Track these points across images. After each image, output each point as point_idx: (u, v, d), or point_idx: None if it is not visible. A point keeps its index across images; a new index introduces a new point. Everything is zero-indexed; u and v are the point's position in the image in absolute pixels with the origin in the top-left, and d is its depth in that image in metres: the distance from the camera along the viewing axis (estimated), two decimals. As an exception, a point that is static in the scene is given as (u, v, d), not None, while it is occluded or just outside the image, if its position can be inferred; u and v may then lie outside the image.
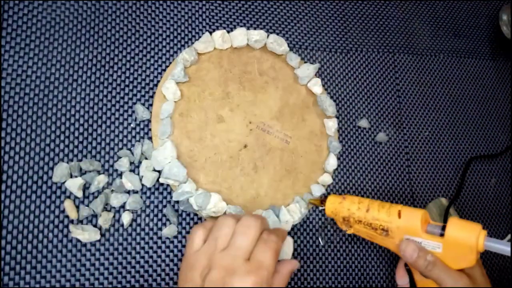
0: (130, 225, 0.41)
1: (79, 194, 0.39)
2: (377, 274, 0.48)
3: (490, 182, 0.57)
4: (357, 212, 0.41)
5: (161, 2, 0.47)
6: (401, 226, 0.39)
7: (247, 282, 0.31)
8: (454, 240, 0.37)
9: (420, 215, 0.38)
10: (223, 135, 0.45)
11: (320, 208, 0.45)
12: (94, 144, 0.41)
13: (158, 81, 0.45)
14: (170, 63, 0.46)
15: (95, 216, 0.40)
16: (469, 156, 0.56)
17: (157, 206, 0.42)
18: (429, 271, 0.37)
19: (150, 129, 0.43)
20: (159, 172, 0.41)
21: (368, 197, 0.50)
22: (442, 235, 0.37)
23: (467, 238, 0.36)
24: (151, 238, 0.41)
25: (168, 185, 0.42)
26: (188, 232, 0.42)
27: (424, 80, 0.57)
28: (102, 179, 0.40)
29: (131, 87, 0.44)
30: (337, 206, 0.42)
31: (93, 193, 0.40)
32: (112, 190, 0.41)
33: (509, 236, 0.52)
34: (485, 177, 0.57)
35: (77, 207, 0.39)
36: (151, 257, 0.41)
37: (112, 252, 0.40)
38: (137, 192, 0.41)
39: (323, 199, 0.44)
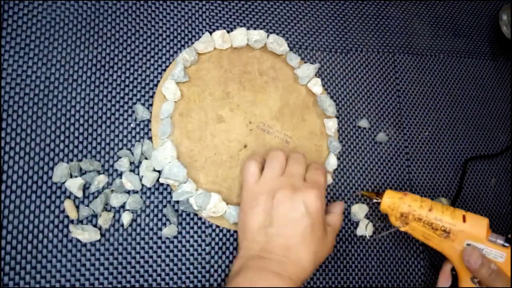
0: (130, 225, 0.41)
1: (79, 194, 0.39)
2: (377, 274, 0.48)
3: (490, 182, 0.57)
4: (418, 210, 0.41)
5: (161, 2, 0.47)
6: (465, 230, 0.39)
7: (311, 194, 0.38)
8: None
9: (486, 223, 0.39)
10: (223, 135, 0.45)
11: (374, 200, 0.44)
12: (94, 144, 0.41)
13: (158, 81, 0.45)
14: (170, 63, 0.46)
15: (95, 216, 0.40)
16: (469, 156, 0.56)
17: (157, 206, 0.42)
18: (492, 280, 0.38)
19: (150, 129, 0.43)
20: (159, 172, 0.41)
21: (368, 197, 0.50)
22: (505, 246, 0.38)
23: None
24: (151, 238, 0.41)
25: (168, 185, 0.42)
26: (188, 233, 0.42)
27: (424, 80, 0.57)
28: (102, 179, 0.40)
29: (131, 87, 0.44)
30: (396, 201, 0.42)
31: (93, 193, 0.40)
32: (112, 190, 0.41)
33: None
34: (485, 177, 0.57)
35: (77, 207, 0.39)
36: (151, 257, 0.41)
37: (112, 252, 0.40)
38: (137, 192, 0.41)
39: (379, 193, 0.44)
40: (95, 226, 0.40)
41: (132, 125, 0.43)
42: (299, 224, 0.37)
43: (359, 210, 0.48)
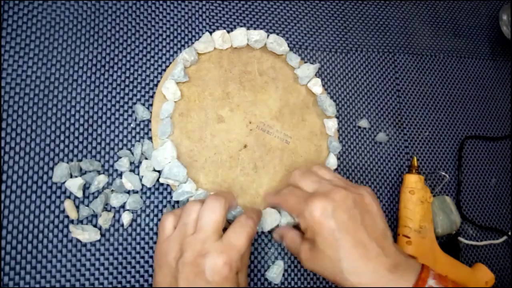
0: (130, 225, 0.41)
1: (79, 194, 0.39)
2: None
3: (490, 182, 0.57)
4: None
5: (161, 2, 0.47)
6: None
7: (219, 261, 0.33)
8: None
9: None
10: (223, 135, 0.45)
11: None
12: (94, 144, 0.41)
13: (158, 81, 0.45)
14: (170, 63, 0.46)
15: (95, 216, 0.40)
16: (469, 156, 0.56)
17: (157, 206, 0.42)
18: None
19: (150, 129, 0.43)
20: (159, 172, 0.41)
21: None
22: None
23: None
24: (151, 238, 0.41)
25: (168, 185, 0.42)
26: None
27: (424, 80, 0.57)
28: (102, 179, 0.40)
29: (131, 87, 0.44)
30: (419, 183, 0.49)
31: (93, 193, 0.40)
32: (112, 190, 0.41)
33: (505, 237, 0.52)
34: (485, 177, 0.57)
35: (77, 207, 0.39)
36: (151, 257, 0.41)
37: (112, 252, 0.40)
38: (137, 192, 0.41)
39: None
40: (95, 226, 0.40)
41: (132, 125, 0.43)
42: None
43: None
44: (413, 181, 0.49)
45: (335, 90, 0.52)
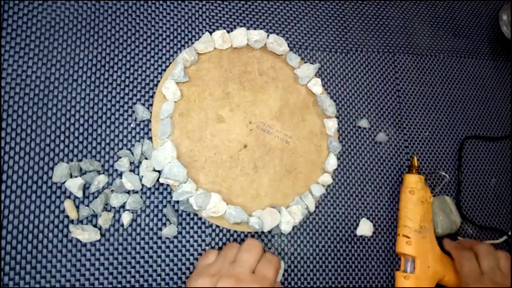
0: (130, 225, 0.41)
1: (79, 194, 0.39)
2: (377, 274, 0.48)
3: (490, 182, 0.57)
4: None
5: (161, 2, 0.47)
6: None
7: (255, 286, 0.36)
8: None
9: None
10: (223, 135, 0.45)
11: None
12: (94, 144, 0.41)
13: (158, 81, 0.45)
14: (170, 63, 0.46)
15: (95, 216, 0.40)
16: (469, 156, 0.56)
17: (157, 206, 0.42)
18: None
19: (150, 129, 0.43)
20: (159, 172, 0.41)
21: (368, 197, 0.50)
22: None
23: None
24: (151, 238, 0.41)
25: (168, 185, 0.42)
26: (188, 233, 0.42)
27: (424, 80, 0.57)
28: (102, 179, 0.40)
29: (131, 87, 0.44)
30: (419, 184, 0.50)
31: (93, 193, 0.40)
32: (112, 190, 0.41)
33: (505, 237, 0.52)
34: (485, 177, 0.57)
35: (77, 207, 0.39)
36: (151, 257, 0.41)
37: (112, 252, 0.40)
38: (137, 192, 0.41)
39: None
40: (95, 226, 0.40)
41: (132, 125, 0.43)
42: None
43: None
44: (413, 181, 0.49)
45: (335, 90, 0.52)
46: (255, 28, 0.50)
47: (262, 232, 0.45)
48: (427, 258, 0.46)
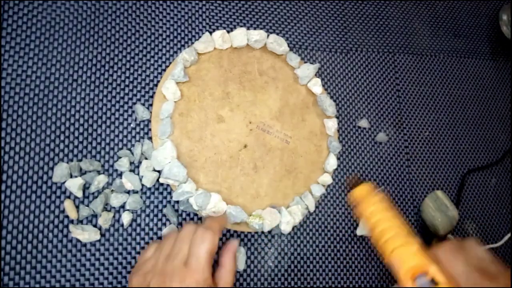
0: (130, 225, 0.41)
1: (79, 194, 0.39)
2: (377, 274, 0.48)
3: (490, 182, 0.57)
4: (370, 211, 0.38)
5: (161, 2, 0.47)
6: (390, 263, 0.35)
7: (183, 284, 0.33)
8: None
9: (408, 266, 0.33)
10: (223, 135, 0.45)
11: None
12: (94, 144, 0.41)
13: (158, 81, 0.45)
14: (170, 63, 0.46)
15: (95, 216, 0.40)
16: (469, 156, 0.56)
17: (157, 206, 0.42)
18: None
19: (150, 129, 0.43)
20: (159, 172, 0.41)
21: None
22: None
23: None
24: (151, 238, 0.41)
25: (168, 185, 0.42)
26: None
27: (424, 80, 0.57)
28: (102, 179, 0.40)
29: (131, 87, 0.44)
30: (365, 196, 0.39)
31: (93, 193, 0.40)
32: (112, 190, 0.41)
33: (507, 236, 0.52)
34: (485, 177, 0.57)
35: (77, 207, 0.39)
36: (151, 257, 0.41)
37: (112, 252, 0.40)
38: (137, 192, 0.41)
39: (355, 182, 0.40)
40: (95, 226, 0.40)
41: (132, 125, 0.43)
42: None
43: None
44: (358, 195, 0.41)
45: (335, 90, 0.52)
46: (255, 28, 0.50)
47: (262, 232, 0.45)
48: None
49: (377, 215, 0.37)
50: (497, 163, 0.57)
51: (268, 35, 0.49)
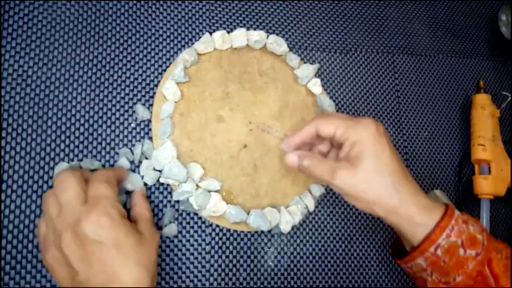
0: (131, 224, 0.41)
1: (80, 193, 0.39)
2: (377, 274, 0.48)
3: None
4: None
5: (161, 2, 0.47)
6: None
7: (92, 219, 0.31)
8: None
9: None
10: (223, 135, 0.45)
11: None
12: (94, 144, 0.41)
13: (159, 81, 0.45)
14: (170, 63, 0.46)
15: (95, 215, 0.40)
16: (469, 156, 0.56)
17: (157, 206, 0.42)
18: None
19: (150, 129, 0.43)
20: (160, 171, 0.42)
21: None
22: None
23: None
24: (151, 238, 0.41)
25: (168, 184, 0.42)
26: (188, 232, 0.42)
27: (423, 80, 0.58)
28: (102, 179, 0.40)
29: (131, 87, 0.44)
30: None
31: (93, 193, 0.40)
32: (113, 190, 0.41)
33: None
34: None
35: (78, 206, 0.39)
36: (151, 256, 0.41)
37: (113, 251, 0.40)
38: (137, 192, 0.41)
39: None
40: (95, 225, 0.40)
41: (132, 125, 0.43)
42: (102, 257, 0.31)
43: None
44: (483, 98, 0.55)
45: (335, 90, 0.52)
46: (255, 29, 0.50)
47: (262, 232, 0.45)
48: (500, 162, 0.52)
49: None
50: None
51: (268, 36, 0.49)
